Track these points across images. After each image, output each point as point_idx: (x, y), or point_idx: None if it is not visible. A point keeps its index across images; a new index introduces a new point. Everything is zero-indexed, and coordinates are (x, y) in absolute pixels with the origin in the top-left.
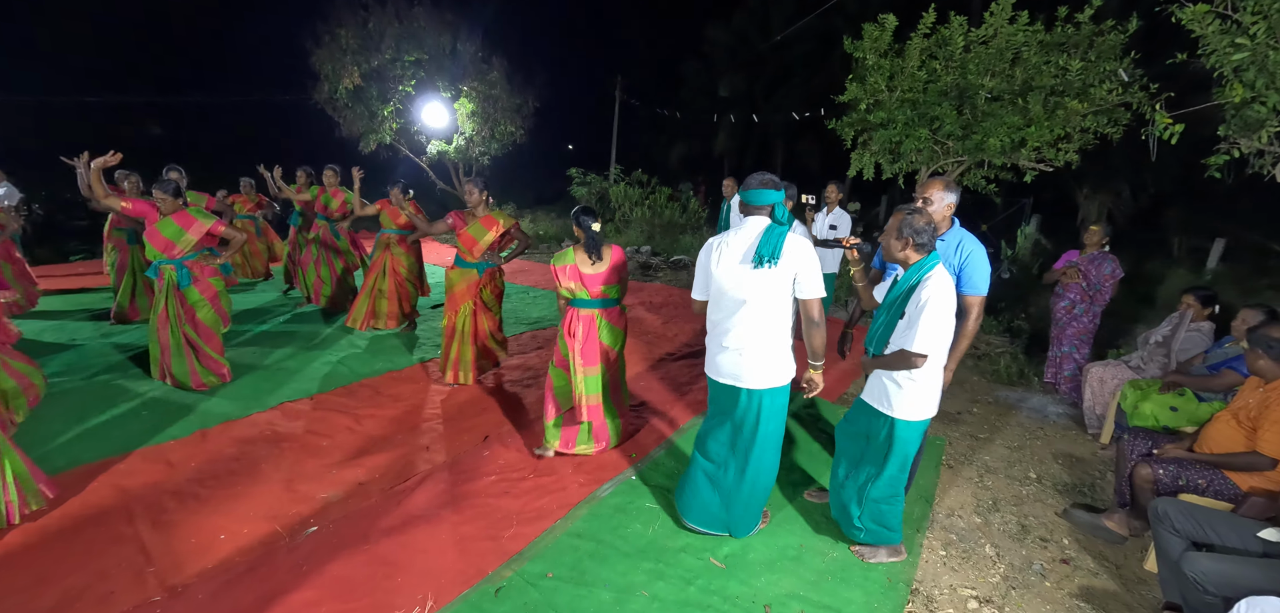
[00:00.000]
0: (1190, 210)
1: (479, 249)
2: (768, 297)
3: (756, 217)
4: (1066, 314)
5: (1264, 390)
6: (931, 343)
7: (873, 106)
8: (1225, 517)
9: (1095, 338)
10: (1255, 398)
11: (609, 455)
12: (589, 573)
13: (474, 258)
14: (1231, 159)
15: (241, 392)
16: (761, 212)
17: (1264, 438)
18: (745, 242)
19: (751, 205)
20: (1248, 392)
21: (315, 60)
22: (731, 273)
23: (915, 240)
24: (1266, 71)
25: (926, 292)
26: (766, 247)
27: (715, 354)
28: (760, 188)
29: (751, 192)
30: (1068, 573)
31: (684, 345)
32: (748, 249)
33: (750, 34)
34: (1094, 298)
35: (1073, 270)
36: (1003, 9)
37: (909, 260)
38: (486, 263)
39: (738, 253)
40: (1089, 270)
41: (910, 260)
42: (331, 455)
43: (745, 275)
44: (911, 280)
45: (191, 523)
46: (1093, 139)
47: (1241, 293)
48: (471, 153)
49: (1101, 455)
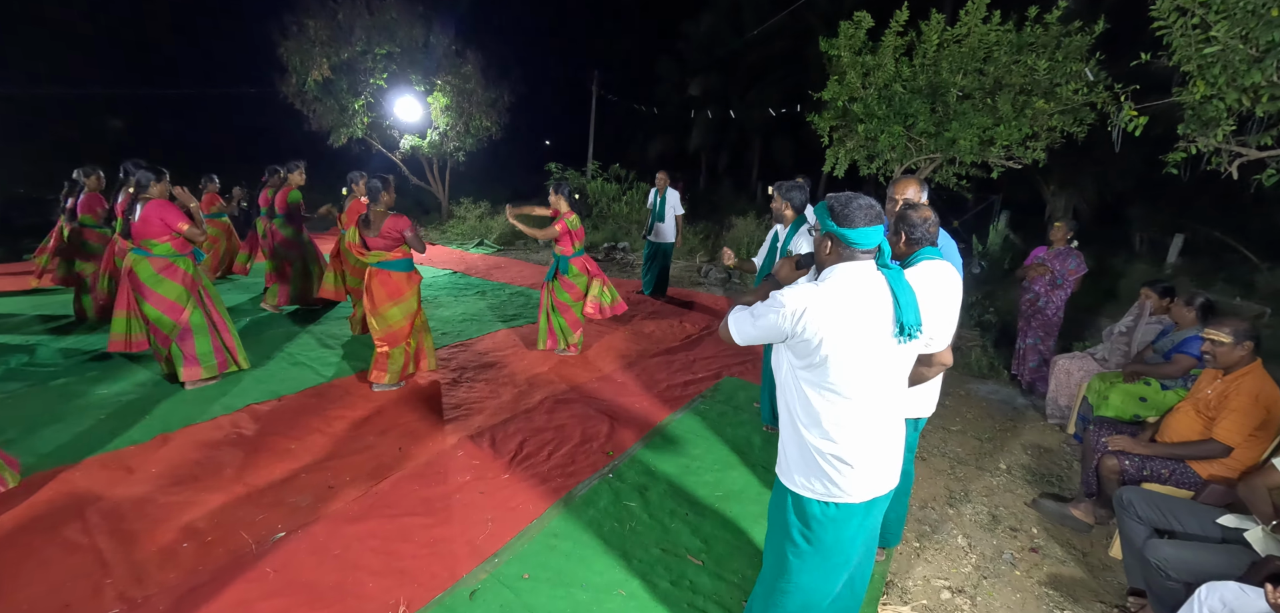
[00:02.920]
0: (1151, 207)
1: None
2: (904, 372)
3: (863, 261)
4: (1031, 307)
5: (1223, 382)
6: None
7: (850, 102)
8: (1186, 504)
9: (1060, 331)
10: (1215, 389)
11: (586, 455)
12: (566, 573)
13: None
14: (1189, 157)
15: (205, 393)
16: (867, 255)
17: (1221, 426)
18: (874, 302)
19: (856, 247)
20: (1206, 382)
21: (283, 52)
22: (879, 349)
23: (909, 235)
24: (1230, 68)
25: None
26: (908, 311)
27: (850, 468)
28: (868, 224)
29: (858, 230)
30: (1037, 562)
31: (661, 342)
32: (881, 313)
33: (723, 32)
34: (1058, 291)
35: (1038, 266)
36: (977, 8)
37: (905, 253)
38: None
39: (875, 320)
40: (1055, 265)
41: (904, 254)
42: (300, 458)
43: (891, 351)
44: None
45: (152, 532)
46: (1059, 137)
47: (1200, 286)
48: (446, 147)
49: (1068, 444)
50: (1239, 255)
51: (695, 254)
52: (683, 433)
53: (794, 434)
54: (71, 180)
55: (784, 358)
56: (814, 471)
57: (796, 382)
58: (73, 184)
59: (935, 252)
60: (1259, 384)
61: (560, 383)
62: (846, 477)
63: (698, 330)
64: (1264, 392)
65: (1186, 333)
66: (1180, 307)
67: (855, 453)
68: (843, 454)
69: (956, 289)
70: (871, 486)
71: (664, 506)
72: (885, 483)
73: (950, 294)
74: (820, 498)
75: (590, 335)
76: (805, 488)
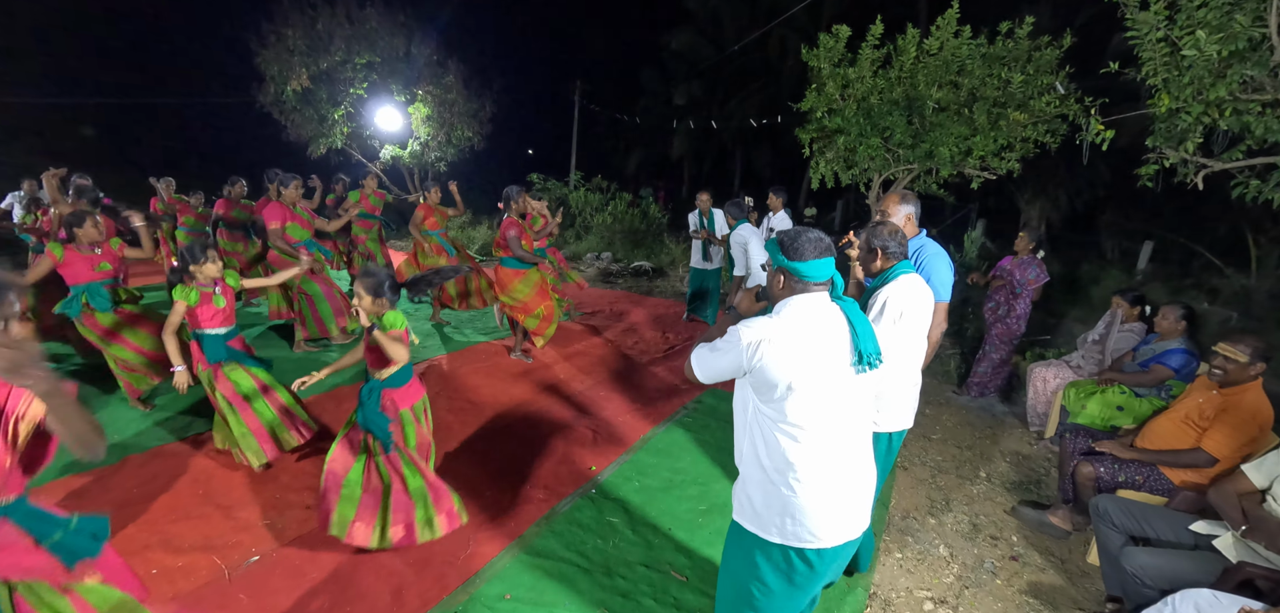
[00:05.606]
0: (1121, 214)
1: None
2: (865, 405)
3: (816, 293)
4: (991, 315)
5: (1221, 395)
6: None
7: (829, 114)
8: (1160, 511)
9: (1019, 341)
10: (1211, 403)
11: (569, 470)
12: (548, 593)
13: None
14: (1161, 168)
15: (176, 407)
16: (821, 288)
17: (1212, 438)
18: (831, 332)
19: (808, 280)
20: (1198, 393)
21: (261, 62)
22: (838, 380)
23: (885, 250)
24: (1194, 82)
25: (882, 295)
26: (865, 340)
27: (818, 507)
28: (818, 257)
29: (808, 263)
30: (1017, 570)
31: (645, 354)
32: (838, 343)
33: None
34: (1019, 300)
35: (996, 278)
36: (948, 23)
37: (879, 270)
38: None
39: (833, 350)
40: (1016, 274)
41: (881, 270)
42: (277, 478)
43: (851, 383)
44: (876, 287)
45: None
46: (1033, 148)
47: (1168, 292)
48: (427, 157)
49: (1046, 452)
50: (1204, 261)
51: (678, 265)
52: (666, 446)
53: (758, 476)
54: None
55: (747, 398)
56: (778, 512)
57: (760, 422)
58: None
59: (908, 265)
60: (1257, 402)
61: (542, 396)
62: (813, 520)
63: (681, 341)
64: (1261, 410)
65: (1168, 344)
66: (1165, 318)
67: (819, 491)
68: (807, 493)
69: (930, 300)
70: (839, 530)
71: (647, 521)
72: (853, 528)
73: (926, 306)
74: (785, 542)
75: (572, 347)
76: (771, 532)
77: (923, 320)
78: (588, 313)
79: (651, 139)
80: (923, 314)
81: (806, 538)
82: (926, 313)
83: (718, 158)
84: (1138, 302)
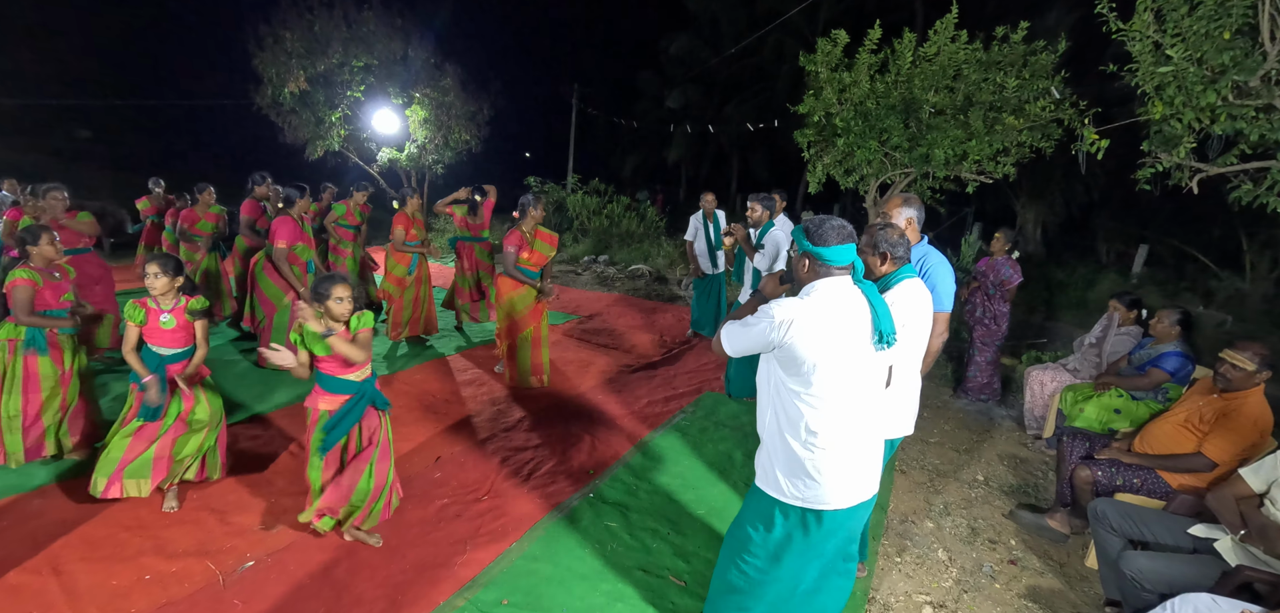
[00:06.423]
0: (1117, 218)
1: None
2: (881, 378)
3: (840, 276)
4: (971, 317)
5: (1223, 400)
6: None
7: (827, 117)
8: (1158, 515)
9: (1002, 342)
10: (1211, 407)
11: (566, 475)
12: (545, 598)
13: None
14: (1157, 173)
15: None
16: (844, 272)
17: (1212, 443)
18: (855, 314)
19: (832, 265)
20: (1198, 396)
21: (258, 64)
22: (860, 357)
23: (892, 253)
24: (1185, 89)
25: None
26: (885, 321)
27: (832, 472)
28: (840, 242)
29: (832, 248)
30: (1016, 574)
31: (641, 357)
32: (861, 323)
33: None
34: (994, 301)
35: (973, 281)
36: (945, 28)
37: (883, 274)
38: None
39: (857, 329)
40: (990, 275)
41: (885, 274)
42: (273, 483)
43: (871, 359)
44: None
45: (110, 565)
46: (1028, 152)
47: (1164, 295)
48: (424, 160)
49: (1043, 456)
50: (1199, 265)
51: (675, 266)
52: (664, 450)
53: (780, 442)
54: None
55: (772, 371)
56: (799, 477)
57: (784, 394)
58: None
59: (912, 270)
60: (1259, 408)
61: (539, 401)
62: (830, 483)
63: (678, 345)
64: (1262, 416)
65: (1163, 347)
66: (1161, 322)
67: (838, 458)
68: (826, 459)
69: (930, 304)
70: (853, 491)
71: (645, 525)
72: (865, 489)
73: (927, 313)
74: (806, 506)
75: (569, 352)
76: (789, 493)
77: (923, 328)
78: (584, 317)
79: (649, 143)
80: (924, 322)
81: (825, 500)
82: (927, 321)
83: (715, 161)
84: (1134, 305)
